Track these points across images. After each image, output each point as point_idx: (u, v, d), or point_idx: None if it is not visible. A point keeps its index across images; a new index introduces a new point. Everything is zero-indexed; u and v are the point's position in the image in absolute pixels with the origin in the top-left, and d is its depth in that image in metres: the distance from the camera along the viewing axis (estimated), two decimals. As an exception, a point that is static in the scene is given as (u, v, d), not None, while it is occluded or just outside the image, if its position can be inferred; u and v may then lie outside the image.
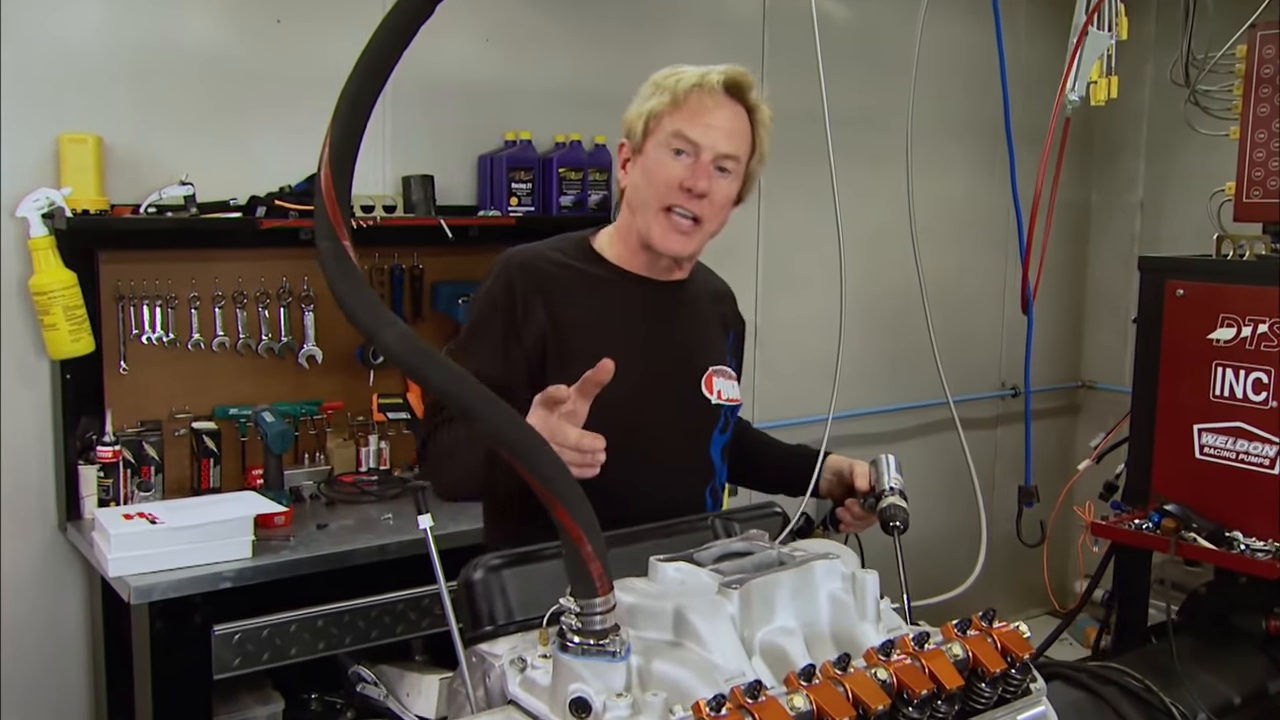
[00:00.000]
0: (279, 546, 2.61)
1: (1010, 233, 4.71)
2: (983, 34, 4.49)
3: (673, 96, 1.76)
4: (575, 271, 1.83)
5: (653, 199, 1.77)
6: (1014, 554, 4.81)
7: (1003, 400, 4.79)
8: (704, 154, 1.76)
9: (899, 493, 1.93)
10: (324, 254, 1.15)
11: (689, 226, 1.78)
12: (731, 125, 1.79)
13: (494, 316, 1.79)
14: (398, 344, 1.14)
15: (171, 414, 2.95)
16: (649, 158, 1.79)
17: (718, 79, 1.78)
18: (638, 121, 1.80)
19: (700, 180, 1.75)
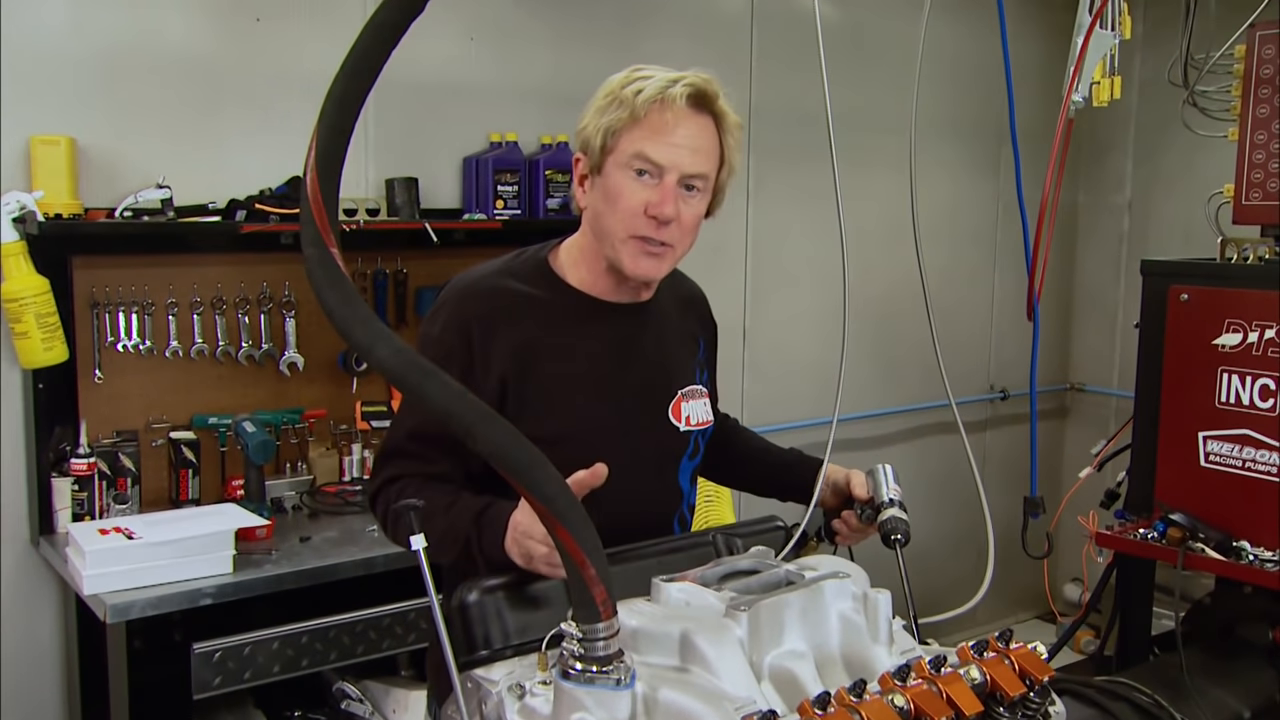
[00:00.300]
0: (261, 561, 2.53)
1: (996, 234, 4.68)
2: (967, 32, 4.47)
3: (631, 112, 1.60)
4: (534, 302, 1.71)
5: (618, 227, 1.65)
6: (1004, 558, 4.78)
7: (991, 404, 4.75)
8: (669, 175, 1.61)
9: (898, 504, 1.87)
10: (311, 262, 1.06)
11: (660, 250, 1.67)
12: (698, 141, 1.64)
13: (447, 365, 1.64)
14: (393, 360, 1.06)
15: (149, 424, 2.87)
16: (609, 179, 1.64)
17: (681, 93, 1.60)
18: (594, 137, 1.63)
19: (667, 205, 1.62)
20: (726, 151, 1.70)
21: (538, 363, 1.68)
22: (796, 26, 3.95)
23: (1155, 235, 4.64)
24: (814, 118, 3.94)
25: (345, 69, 1.18)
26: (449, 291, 1.73)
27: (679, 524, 1.87)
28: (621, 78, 1.67)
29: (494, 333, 1.66)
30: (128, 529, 2.41)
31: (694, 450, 1.86)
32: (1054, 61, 4.43)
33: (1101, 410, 4.89)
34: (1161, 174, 4.61)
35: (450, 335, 1.67)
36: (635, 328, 1.78)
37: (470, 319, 1.67)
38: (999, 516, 4.89)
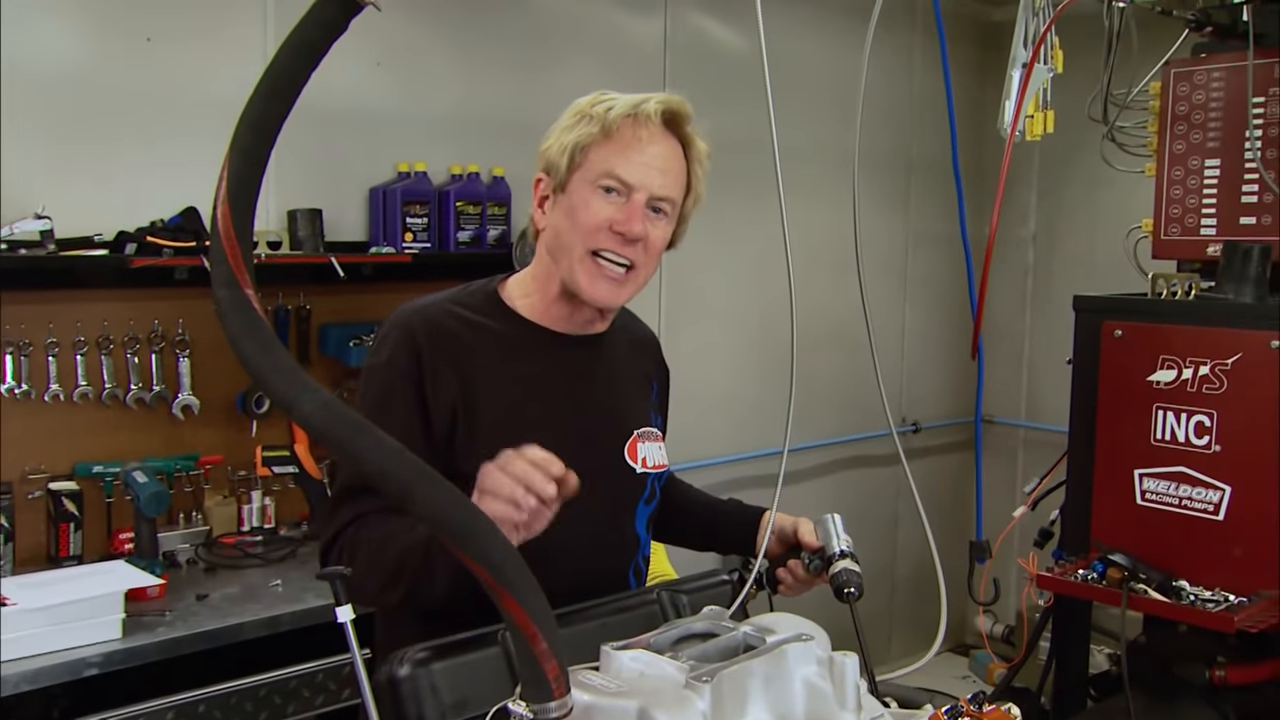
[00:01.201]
0: (153, 623, 2.33)
1: (906, 266, 4.69)
2: (875, 65, 4.49)
3: (603, 127, 1.54)
4: (484, 331, 1.61)
5: (578, 242, 1.56)
6: (918, 591, 4.79)
7: (903, 436, 4.74)
8: (637, 194, 1.55)
9: (850, 555, 1.79)
10: (224, 305, 0.95)
11: (620, 274, 1.58)
12: (668, 162, 1.59)
13: (403, 387, 1.55)
14: (319, 415, 0.95)
15: (24, 474, 2.63)
16: (574, 196, 1.57)
17: (655, 108, 1.56)
18: (560, 155, 1.57)
19: (634, 223, 1.55)
20: (694, 180, 1.64)
21: (488, 394, 1.58)
22: (710, 57, 3.90)
23: (1060, 268, 4.71)
24: (729, 147, 3.90)
25: (261, 90, 1.06)
26: (395, 318, 1.61)
27: (634, 576, 1.76)
28: (590, 99, 1.60)
29: (444, 358, 1.56)
30: (2, 595, 2.18)
31: (650, 494, 1.76)
32: (959, 93, 4.50)
33: (1009, 441, 4.92)
34: (1065, 207, 4.68)
35: (400, 358, 1.56)
36: (589, 361, 1.69)
37: (420, 341, 1.56)
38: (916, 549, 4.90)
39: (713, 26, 3.95)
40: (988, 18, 4.69)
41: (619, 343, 1.76)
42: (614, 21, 3.71)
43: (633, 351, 1.81)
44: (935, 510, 4.67)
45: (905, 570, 4.76)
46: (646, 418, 1.78)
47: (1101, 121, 2.66)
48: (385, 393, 1.57)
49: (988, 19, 4.69)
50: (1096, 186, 4.42)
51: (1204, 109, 2.44)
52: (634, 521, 1.74)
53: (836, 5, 4.17)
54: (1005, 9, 4.33)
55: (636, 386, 1.80)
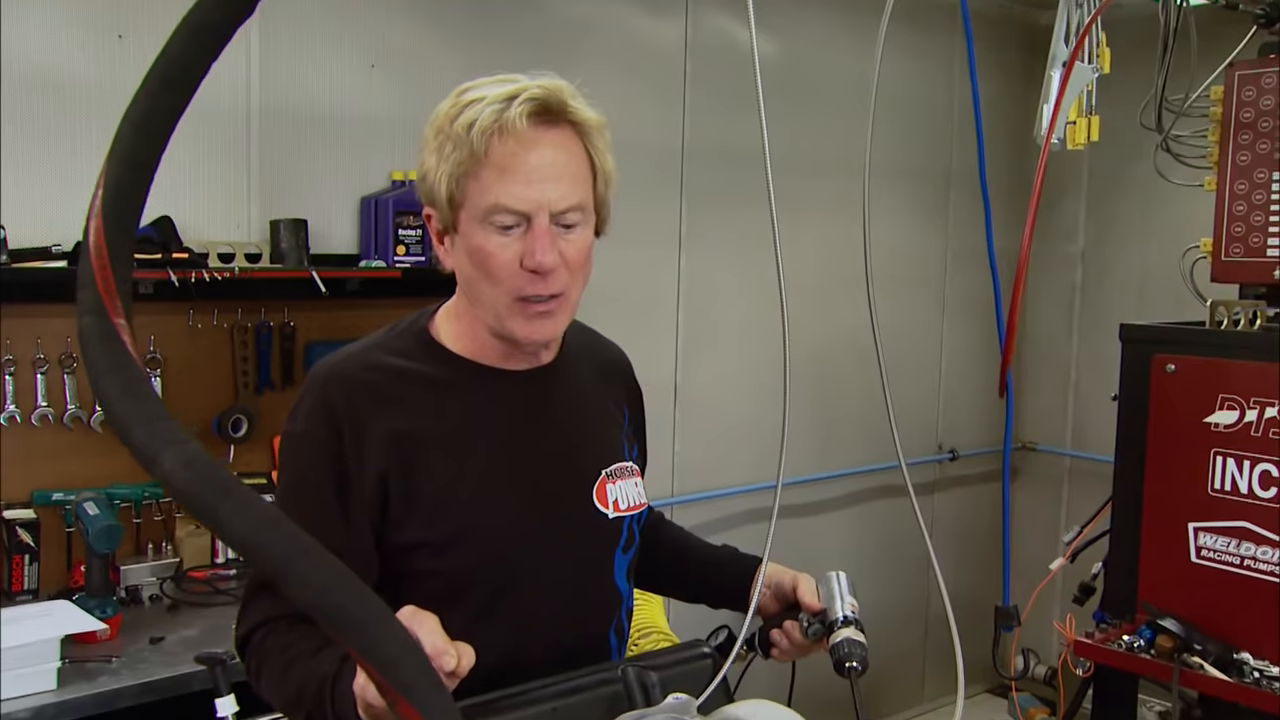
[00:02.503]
0: (96, 671, 2.13)
1: (945, 284, 4.43)
2: (915, 71, 4.23)
3: (470, 151, 1.28)
4: (413, 377, 1.39)
5: (498, 294, 1.33)
6: (947, 629, 4.49)
7: (939, 465, 4.47)
8: (537, 218, 1.31)
9: (855, 622, 1.55)
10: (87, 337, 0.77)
11: (552, 306, 1.36)
12: (559, 167, 1.32)
13: (319, 464, 1.34)
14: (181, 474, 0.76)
15: (-24, 503, 2.46)
16: (469, 239, 1.33)
17: (519, 113, 1.28)
18: (438, 188, 1.32)
19: (545, 254, 1.30)
20: (597, 158, 1.37)
21: (423, 450, 1.36)
22: (734, 60, 3.67)
23: (1110, 288, 4.41)
24: (751, 159, 3.67)
25: (148, 84, 0.85)
26: (310, 378, 1.40)
27: (615, 635, 1.53)
28: (448, 107, 1.33)
29: (367, 419, 1.34)
30: (-74, 639, 2.00)
31: (628, 540, 1.53)
32: (1005, 103, 4.24)
33: (1053, 470, 4.63)
34: (1117, 222, 4.39)
35: (316, 428, 1.35)
36: (541, 398, 1.47)
37: (336, 406, 1.34)
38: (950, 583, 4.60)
39: (736, 29, 3.72)
40: (1034, 21, 4.41)
41: (577, 370, 1.54)
42: (630, 22, 3.49)
43: (598, 377, 1.58)
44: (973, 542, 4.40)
45: (939, 607, 4.47)
46: (619, 451, 1.55)
47: (1155, 130, 2.40)
48: (303, 471, 1.37)
49: (1034, 22, 4.41)
50: (1150, 201, 4.13)
51: (1272, 115, 2.17)
52: (611, 573, 1.52)
53: (870, 8, 3.92)
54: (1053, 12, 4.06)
55: (604, 417, 1.57)
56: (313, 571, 0.77)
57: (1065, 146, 2.00)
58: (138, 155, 0.88)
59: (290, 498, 1.37)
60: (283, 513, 0.79)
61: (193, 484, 0.77)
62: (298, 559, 0.77)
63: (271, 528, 0.76)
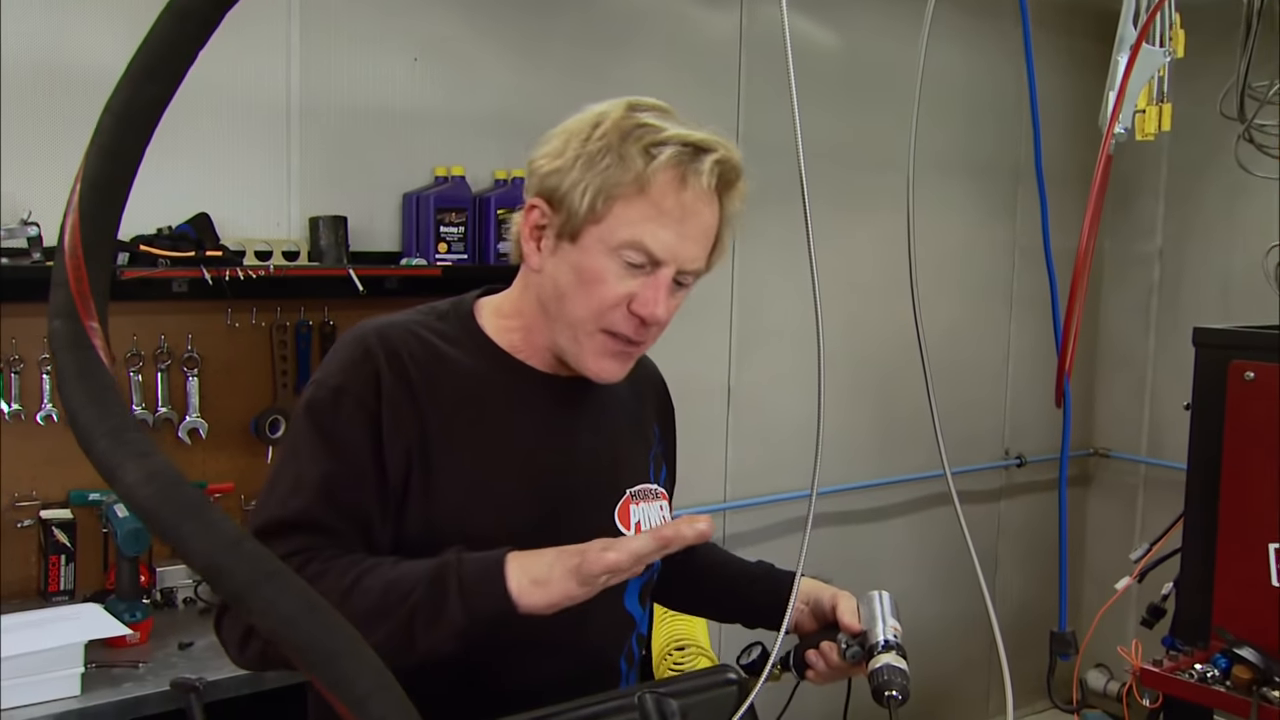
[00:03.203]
0: (123, 677, 2.09)
1: (1013, 283, 4.25)
2: (982, 62, 4.06)
3: (637, 178, 1.22)
4: (452, 364, 1.32)
5: (588, 318, 1.27)
6: (1014, 640, 4.32)
7: (1006, 470, 4.30)
8: (666, 269, 1.25)
9: (896, 647, 1.44)
10: (57, 340, 0.73)
11: (631, 349, 1.30)
12: (709, 230, 1.28)
13: (357, 421, 1.25)
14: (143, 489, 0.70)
15: (13, 501, 2.43)
16: (587, 256, 1.26)
17: (710, 171, 1.24)
18: (577, 195, 1.23)
19: (658, 306, 1.25)
20: (721, 240, 1.32)
21: (452, 438, 1.29)
22: (794, 54, 3.55)
23: (1190, 287, 4.20)
24: (811, 153, 3.56)
25: (130, 73, 0.79)
26: (349, 334, 1.33)
27: (626, 662, 1.45)
28: (619, 117, 1.26)
29: (405, 391, 1.27)
30: (-50, 642, 1.97)
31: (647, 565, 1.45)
32: (1079, 94, 4.03)
33: (1128, 478, 4.43)
34: (1199, 219, 4.17)
35: (356, 383, 1.26)
36: (575, 407, 1.39)
37: (380, 365, 1.26)
38: (1017, 593, 4.44)
39: (794, 19, 3.60)
40: (1110, 7, 4.21)
41: (612, 385, 1.44)
42: (682, 13, 3.39)
43: (632, 392, 1.50)
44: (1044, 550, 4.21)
45: (1006, 617, 4.30)
46: (644, 473, 1.48)
47: (1237, 119, 2.24)
48: (332, 427, 1.26)
49: (1110, 8, 4.21)
50: (1235, 196, 3.91)
51: (1366, 102, 2.00)
52: (622, 598, 1.44)
53: None
54: (1130, -3, 3.87)
55: (635, 436, 1.50)
56: (279, 598, 0.70)
57: (1134, 137, 1.85)
58: (119, 148, 0.82)
59: (318, 464, 1.24)
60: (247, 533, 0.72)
61: (154, 500, 0.71)
62: (263, 584, 0.70)
63: (235, 549, 0.70)
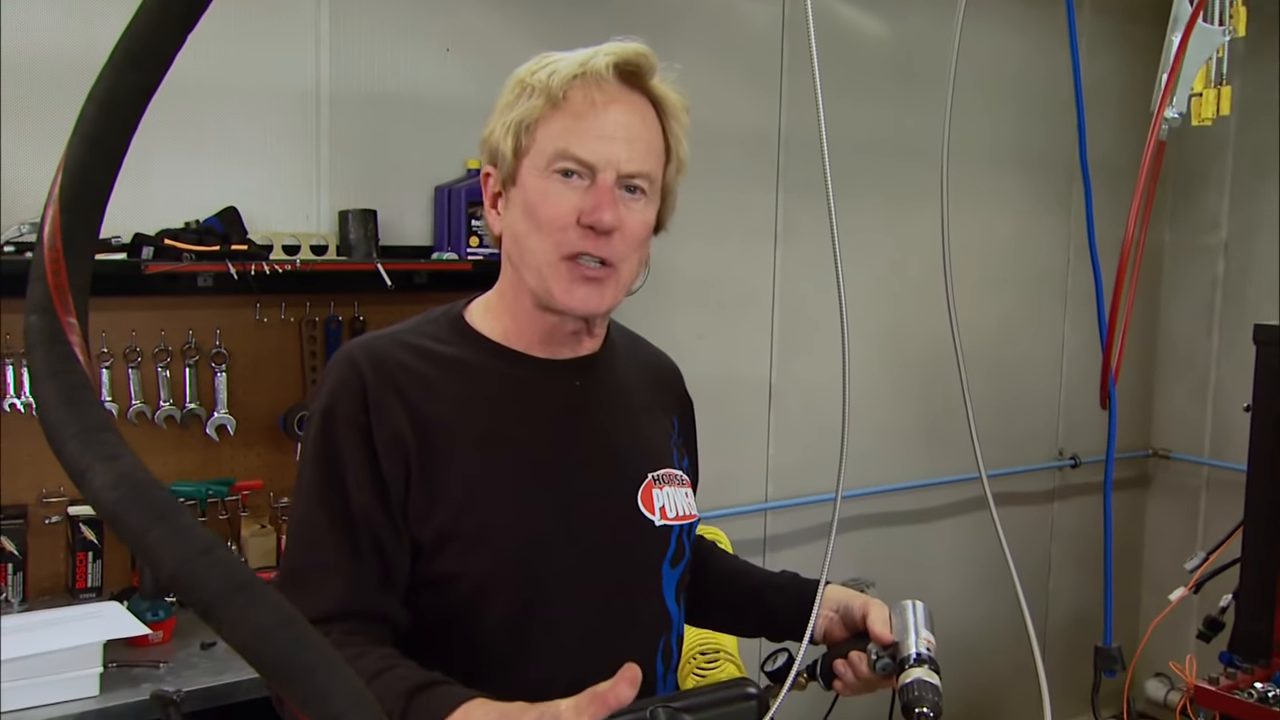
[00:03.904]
0: (142, 677, 2.07)
1: (1067, 278, 4.12)
2: (1036, 49, 3.93)
3: (547, 96, 1.23)
4: (444, 361, 1.30)
5: (545, 246, 1.24)
6: (1067, 647, 4.20)
7: (1060, 471, 4.16)
8: (603, 173, 1.23)
9: (929, 660, 1.36)
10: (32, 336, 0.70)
11: (600, 272, 1.25)
12: (635, 129, 1.25)
13: (350, 438, 1.24)
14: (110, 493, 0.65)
15: (41, 497, 2.42)
16: (526, 189, 1.25)
17: (606, 63, 1.24)
18: (504, 138, 1.25)
19: (604, 210, 1.22)
20: (672, 143, 1.30)
21: (449, 438, 1.25)
22: (837, 41, 3.45)
23: (1257, 282, 4.03)
24: (855, 146, 3.46)
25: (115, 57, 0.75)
26: (336, 355, 1.32)
27: (663, 661, 1.38)
28: (530, 64, 1.28)
29: (391, 395, 1.25)
30: (-32, 640, 1.95)
31: (677, 553, 1.39)
32: (1138, 82, 3.90)
33: (1190, 480, 4.27)
34: (1266, 211, 4.00)
35: (344, 402, 1.24)
36: (581, 389, 1.35)
37: (365, 378, 1.25)
38: (1070, 598, 4.29)
39: (839, 7, 3.51)
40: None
41: (622, 366, 1.43)
42: (721, 1, 3.30)
43: (647, 378, 1.47)
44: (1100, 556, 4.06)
45: (1060, 621, 4.17)
46: (667, 456, 1.42)
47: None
48: (329, 446, 1.25)
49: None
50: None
51: None
52: (659, 589, 1.38)
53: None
54: (1192, -21, 3.72)
55: (651, 420, 1.44)
56: (251, 610, 0.65)
57: (1190, 122, 1.74)
58: (101, 138, 0.78)
59: (322, 484, 1.24)
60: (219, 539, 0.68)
61: (120, 505, 0.66)
62: (235, 595, 0.64)
63: (204, 556, 0.65)
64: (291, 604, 1.22)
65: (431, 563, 1.24)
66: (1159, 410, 4.35)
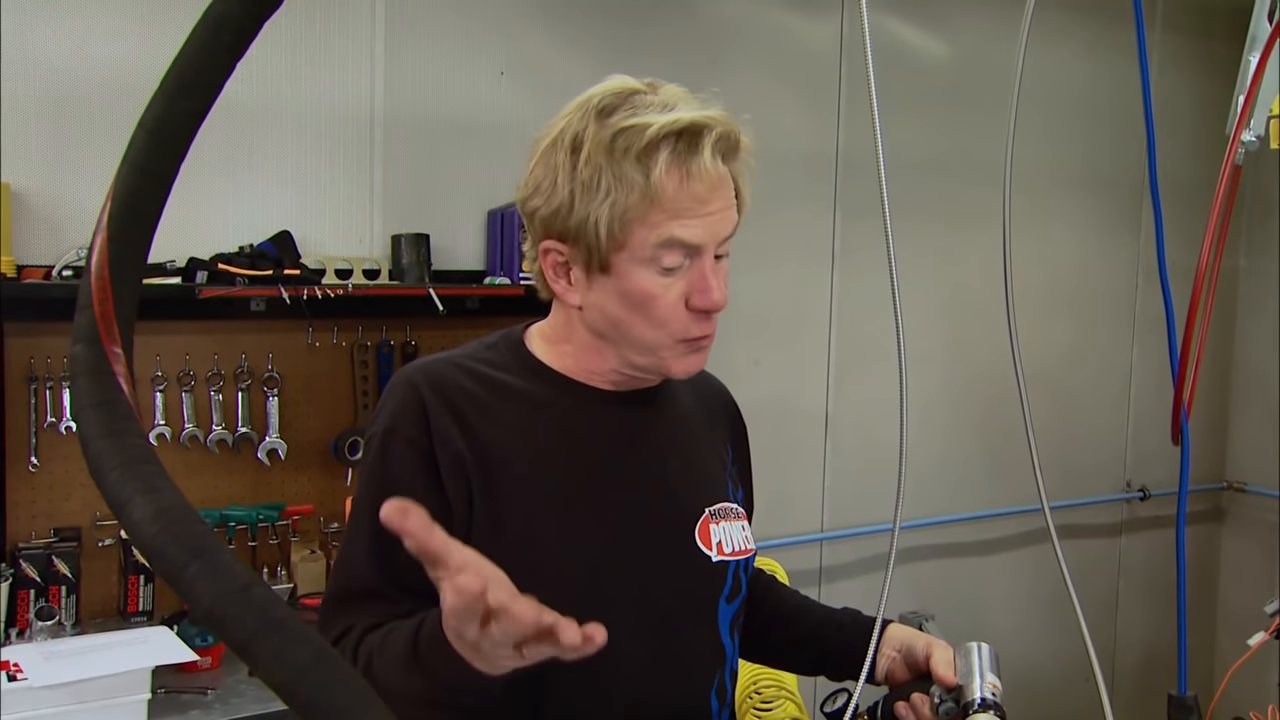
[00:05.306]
0: (190, 704, 2.06)
1: (1135, 303, 4.00)
2: (1105, 69, 3.83)
3: (645, 195, 1.14)
4: (504, 389, 1.26)
5: (658, 335, 1.22)
6: (1136, 684, 4.06)
7: (1128, 504, 4.03)
8: (706, 253, 1.19)
9: (995, 706, 1.32)
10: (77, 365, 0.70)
11: (709, 340, 1.25)
12: (727, 199, 1.21)
13: (410, 461, 1.20)
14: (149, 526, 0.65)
15: (95, 520, 2.43)
16: (628, 281, 1.19)
17: (712, 154, 1.15)
18: (589, 227, 1.16)
19: (714, 293, 1.19)
20: (741, 186, 1.25)
21: (509, 464, 1.22)
22: (894, 61, 3.39)
23: (1336, 309, 3.88)
24: (913, 167, 3.39)
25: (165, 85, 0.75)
26: (397, 376, 1.28)
27: (717, 698, 1.34)
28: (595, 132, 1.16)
29: (452, 421, 1.21)
30: (16, 664, 1.95)
31: (733, 589, 1.35)
32: (1208, 100, 3.78)
33: (1266, 514, 4.10)
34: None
35: (405, 424, 1.21)
36: (643, 423, 1.32)
37: (426, 401, 1.22)
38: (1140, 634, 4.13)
39: (897, 27, 3.45)
40: (1246, 5, 3.94)
41: (681, 399, 1.39)
42: (780, 22, 3.26)
43: (702, 410, 1.43)
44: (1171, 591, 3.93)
45: (1128, 661, 4.03)
46: (723, 491, 1.38)
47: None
48: (388, 470, 1.22)
49: (1246, 6, 3.94)
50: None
51: None
52: (715, 624, 1.34)
53: (1051, 1, 3.57)
54: (1267, -3, 3.60)
55: (709, 453, 1.40)
56: (286, 648, 0.64)
57: (1268, 145, 1.66)
58: (151, 165, 0.78)
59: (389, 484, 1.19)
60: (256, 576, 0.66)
61: (159, 539, 0.65)
62: (270, 633, 0.63)
63: (242, 595, 0.63)
64: (341, 621, 1.20)
65: None
66: (1233, 441, 4.20)
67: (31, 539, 2.35)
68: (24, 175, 2.30)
